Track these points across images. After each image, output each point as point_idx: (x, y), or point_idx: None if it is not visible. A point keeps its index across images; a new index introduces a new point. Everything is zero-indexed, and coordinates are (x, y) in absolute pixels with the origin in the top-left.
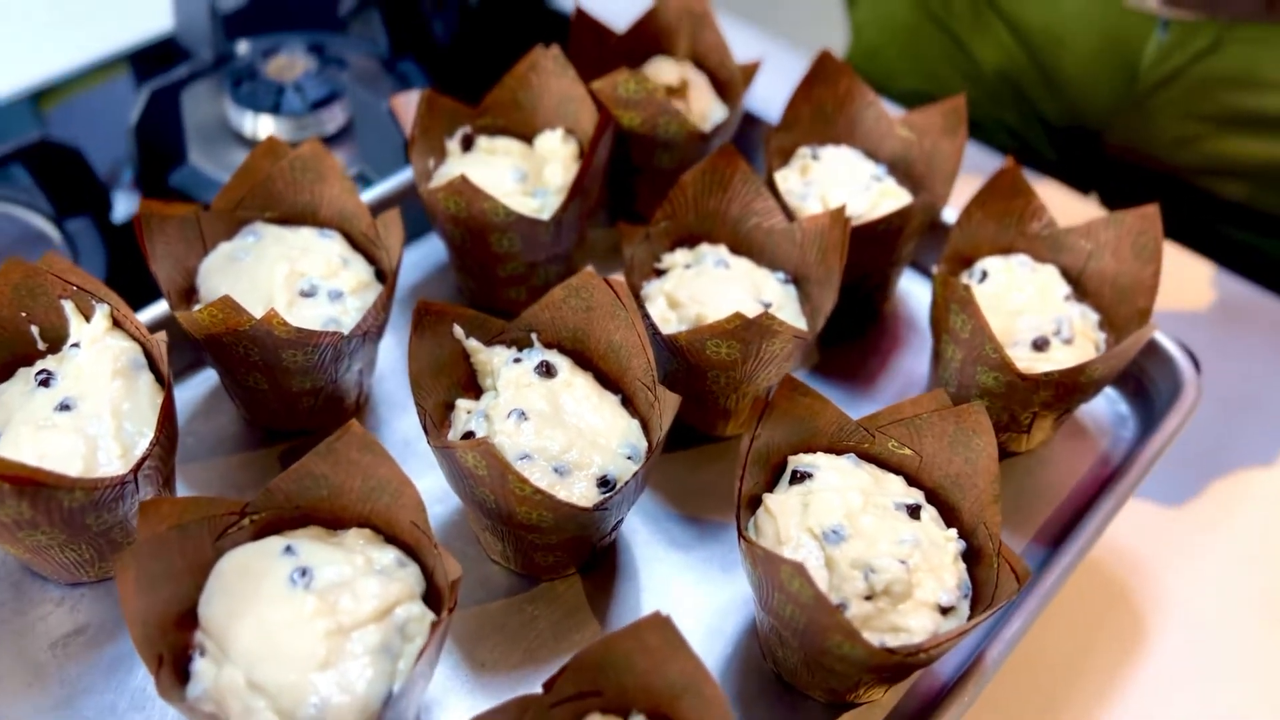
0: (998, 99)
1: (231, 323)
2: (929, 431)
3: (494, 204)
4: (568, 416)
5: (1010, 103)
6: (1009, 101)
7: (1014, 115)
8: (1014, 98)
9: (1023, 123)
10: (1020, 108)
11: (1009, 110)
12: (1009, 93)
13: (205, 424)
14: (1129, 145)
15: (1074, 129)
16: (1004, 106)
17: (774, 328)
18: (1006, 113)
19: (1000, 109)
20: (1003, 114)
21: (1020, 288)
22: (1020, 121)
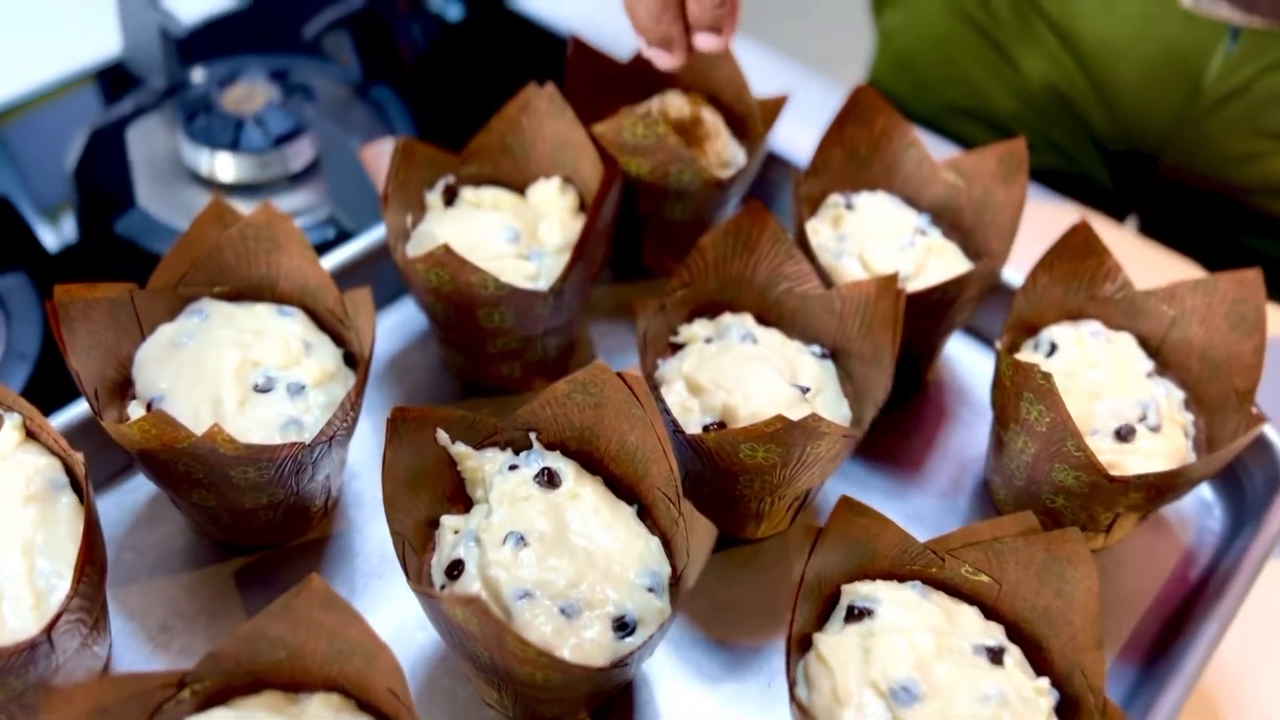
0: (1044, 114)
1: (167, 439)
2: (1013, 558)
3: (483, 276)
4: (575, 538)
5: (1058, 118)
6: (1057, 117)
7: (1062, 132)
8: (1063, 113)
9: (1071, 140)
10: (1069, 124)
11: (1056, 126)
12: (1057, 107)
13: (147, 535)
14: (1185, 164)
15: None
16: (1051, 122)
17: (821, 429)
18: (1054, 129)
19: (1047, 125)
20: (1050, 130)
21: (1095, 363)
22: (1069, 139)
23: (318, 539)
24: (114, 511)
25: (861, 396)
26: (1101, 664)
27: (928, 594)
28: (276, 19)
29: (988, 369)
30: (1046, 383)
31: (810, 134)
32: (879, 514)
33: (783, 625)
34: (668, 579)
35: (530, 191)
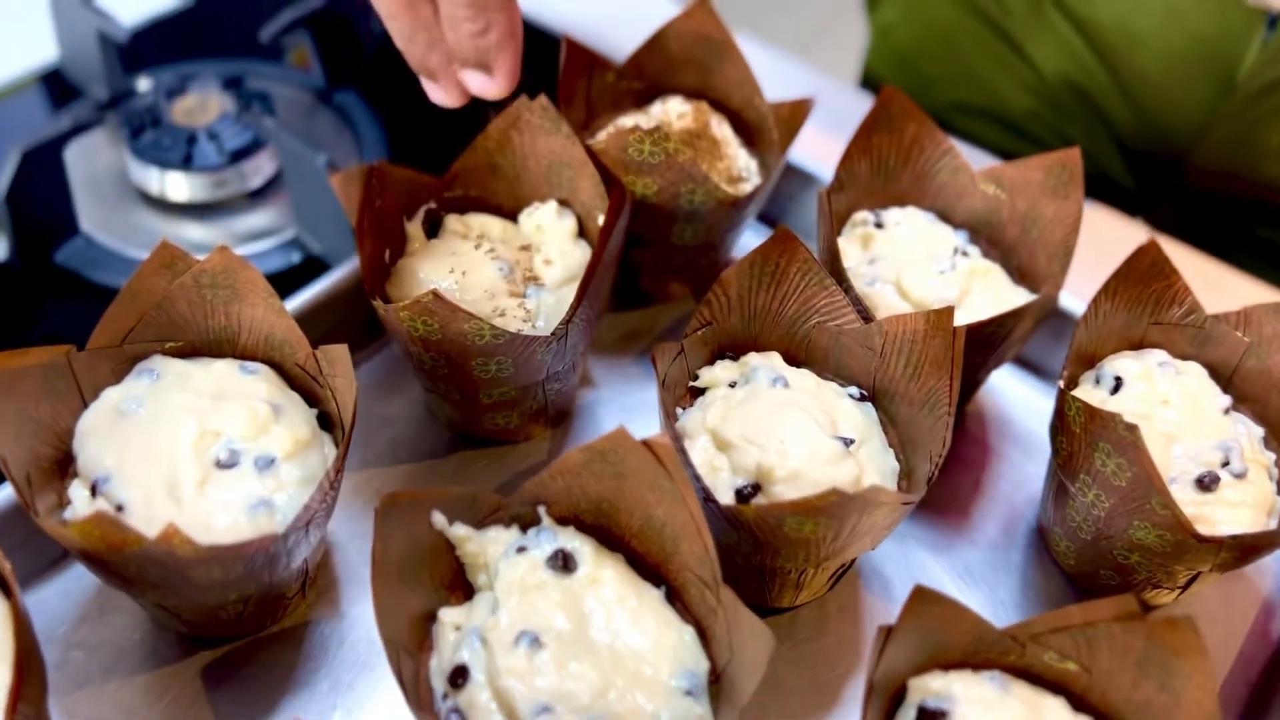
0: (1061, 110)
1: (114, 542)
2: (1107, 644)
3: (477, 324)
4: (597, 634)
5: (1076, 115)
6: (1074, 113)
7: (1080, 130)
8: (1081, 109)
9: (1090, 138)
10: (1088, 121)
11: (1074, 124)
12: (1074, 103)
13: (98, 630)
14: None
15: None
16: (1068, 119)
17: (880, 499)
18: (1071, 126)
19: (1064, 122)
20: (1067, 128)
21: (1167, 399)
22: (1087, 137)
23: (294, 626)
24: (57, 604)
25: (910, 445)
26: None
27: (1007, 686)
28: (227, 20)
29: (1033, 399)
30: (1131, 435)
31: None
32: (954, 601)
33: (828, 708)
34: (706, 677)
35: (523, 216)
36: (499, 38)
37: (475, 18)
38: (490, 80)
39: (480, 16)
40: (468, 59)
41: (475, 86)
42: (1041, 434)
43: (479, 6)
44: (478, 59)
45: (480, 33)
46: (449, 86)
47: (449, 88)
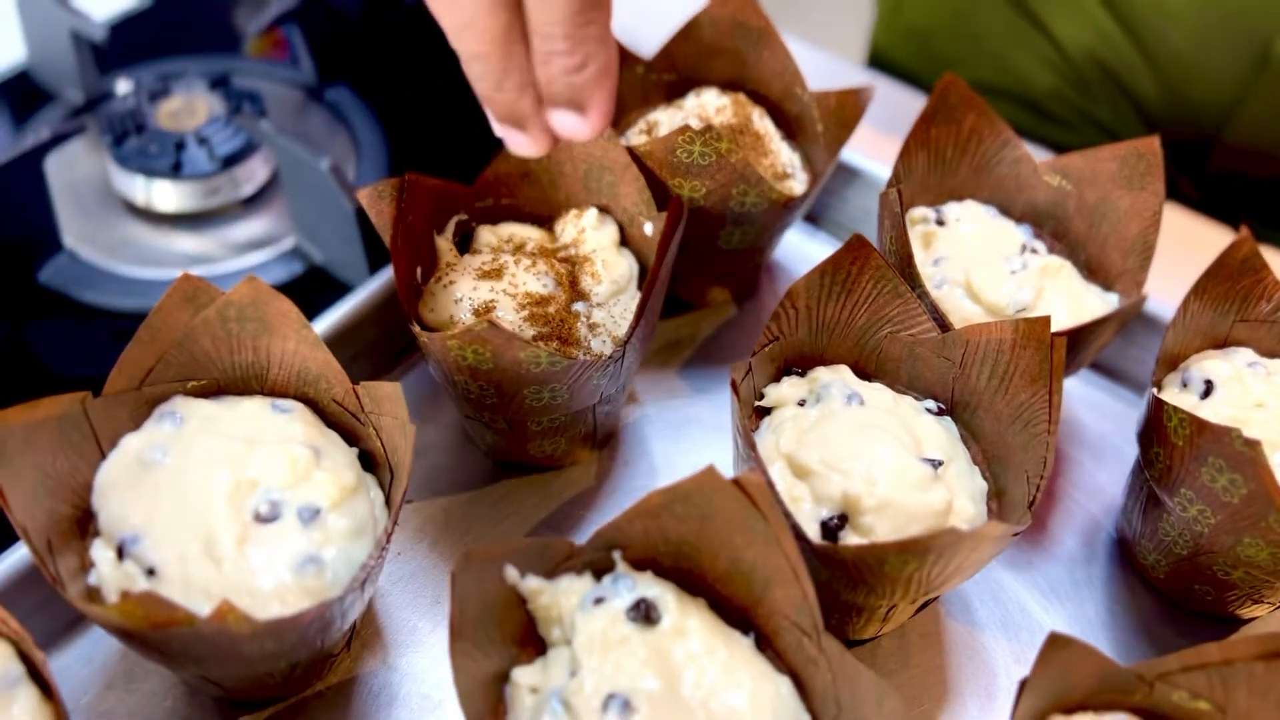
0: (1086, 89)
1: (160, 622)
2: (1246, 683)
3: (533, 352)
4: (690, 692)
5: (1102, 93)
6: (1100, 92)
7: (1106, 108)
8: (1107, 87)
9: (1116, 117)
10: (1114, 99)
11: (1100, 103)
12: (1100, 81)
13: (125, 699)
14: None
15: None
16: (1094, 98)
17: (995, 535)
18: (1097, 106)
19: (1089, 101)
20: (1092, 108)
21: (1260, 402)
22: (1113, 116)
23: (340, 683)
24: (79, 670)
25: (998, 463)
26: None
27: None
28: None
29: (1104, 401)
30: (1251, 451)
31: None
32: (1084, 644)
33: None
34: None
35: (560, 226)
36: (596, 73)
37: (573, 51)
38: (583, 120)
39: (578, 50)
40: (559, 98)
41: (567, 127)
42: (1115, 440)
43: (577, 39)
44: (570, 97)
45: (577, 68)
46: (537, 134)
47: (537, 135)
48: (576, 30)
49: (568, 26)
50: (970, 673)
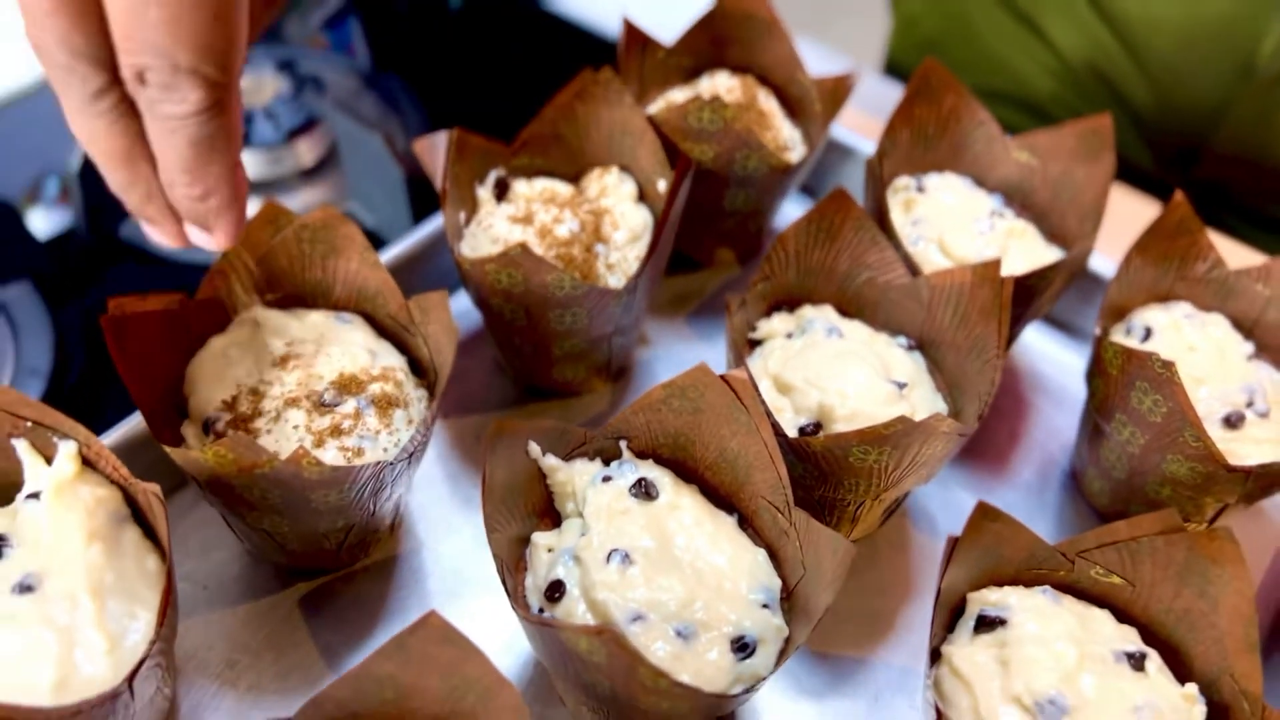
0: (1084, 95)
1: (246, 465)
2: (1150, 558)
3: (559, 276)
4: (681, 553)
5: (1098, 99)
6: (1096, 98)
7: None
8: (1102, 93)
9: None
10: (1110, 105)
11: (1096, 107)
12: (1096, 87)
13: (201, 564)
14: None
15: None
16: (1091, 104)
17: (942, 429)
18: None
19: (1086, 105)
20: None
21: (1193, 347)
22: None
23: (383, 560)
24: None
25: (958, 389)
26: (1257, 669)
27: (1058, 599)
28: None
29: (1064, 355)
30: (1166, 371)
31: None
32: (1012, 518)
33: (883, 634)
34: (779, 593)
35: (585, 182)
36: (219, 204)
37: (193, 184)
38: (210, 237)
39: (198, 184)
40: (187, 216)
41: (197, 240)
42: (1072, 388)
43: (197, 174)
44: (196, 219)
45: (200, 198)
46: (167, 233)
47: (167, 234)
48: (197, 169)
49: (188, 165)
50: (929, 574)
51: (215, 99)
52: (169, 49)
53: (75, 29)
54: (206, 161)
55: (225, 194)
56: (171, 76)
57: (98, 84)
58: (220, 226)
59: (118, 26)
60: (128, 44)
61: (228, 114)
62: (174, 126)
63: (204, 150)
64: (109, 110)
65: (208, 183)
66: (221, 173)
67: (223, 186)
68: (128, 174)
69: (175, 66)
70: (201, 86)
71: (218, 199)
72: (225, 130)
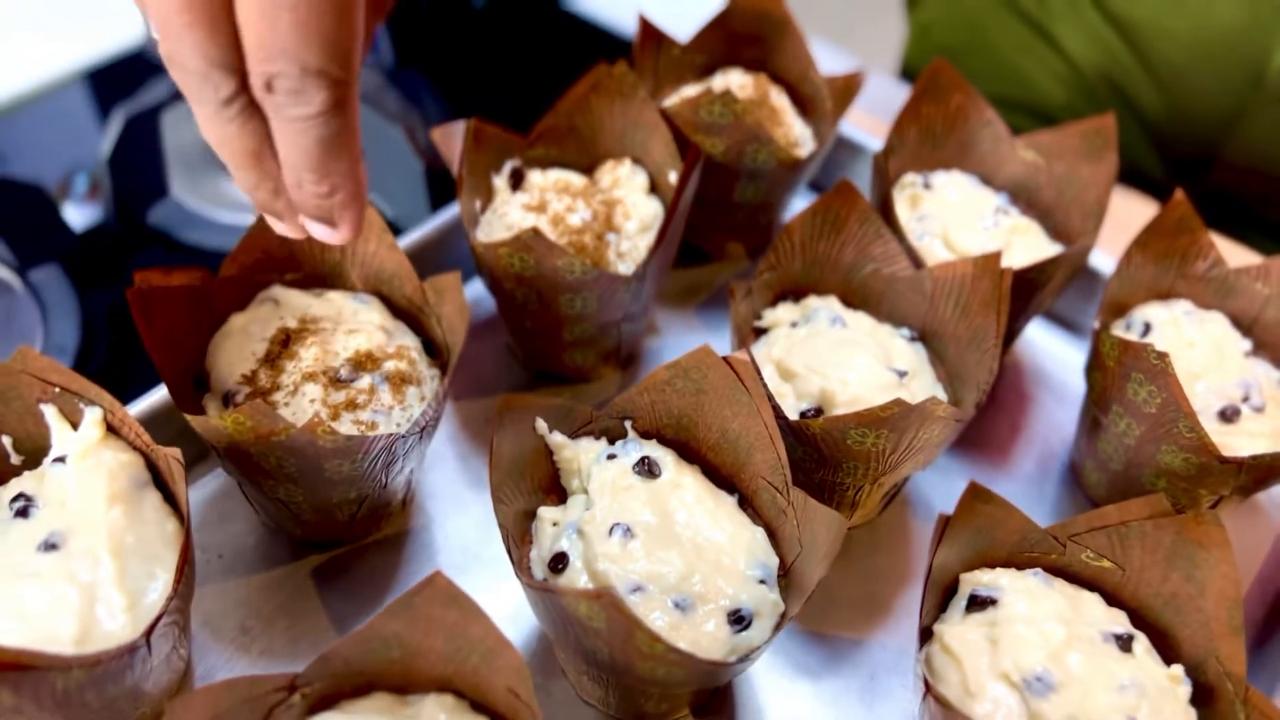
0: (1096, 103)
1: (263, 432)
2: (1139, 542)
3: (570, 260)
4: (681, 529)
5: (1110, 107)
6: (1109, 105)
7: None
8: (1115, 102)
9: (1123, 131)
10: (1122, 114)
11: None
12: (1108, 95)
13: (217, 534)
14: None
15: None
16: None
17: (938, 413)
18: None
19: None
20: None
21: (1192, 342)
22: (1122, 130)
23: (395, 534)
24: None
25: (958, 379)
26: (1241, 650)
27: (1050, 582)
28: None
29: (1066, 352)
30: (1161, 362)
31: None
32: (1004, 500)
33: (879, 617)
34: (777, 570)
35: (599, 174)
36: (344, 198)
37: (320, 181)
38: (334, 232)
39: (325, 181)
40: (311, 213)
41: (319, 234)
42: (1074, 384)
43: (323, 171)
44: (320, 215)
45: (326, 194)
46: (293, 226)
47: (293, 227)
48: (323, 166)
49: (314, 164)
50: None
51: (340, 97)
52: (299, 52)
53: (211, 39)
54: (333, 159)
55: (351, 188)
56: (300, 80)
57: (230, 89)
58: (345, 220)
59: (250, 34)
60: (260, 51)
61: (350, 112)
62: (302, 128)
63: (330, 148)
64: (239, 114)
65: (333, 179)
66: (346, 169)
67: (348, 182)
68: (257, 173)
69: (304, 69)
70: (327, 86)
71: (344, 194)
72: (348, 127)
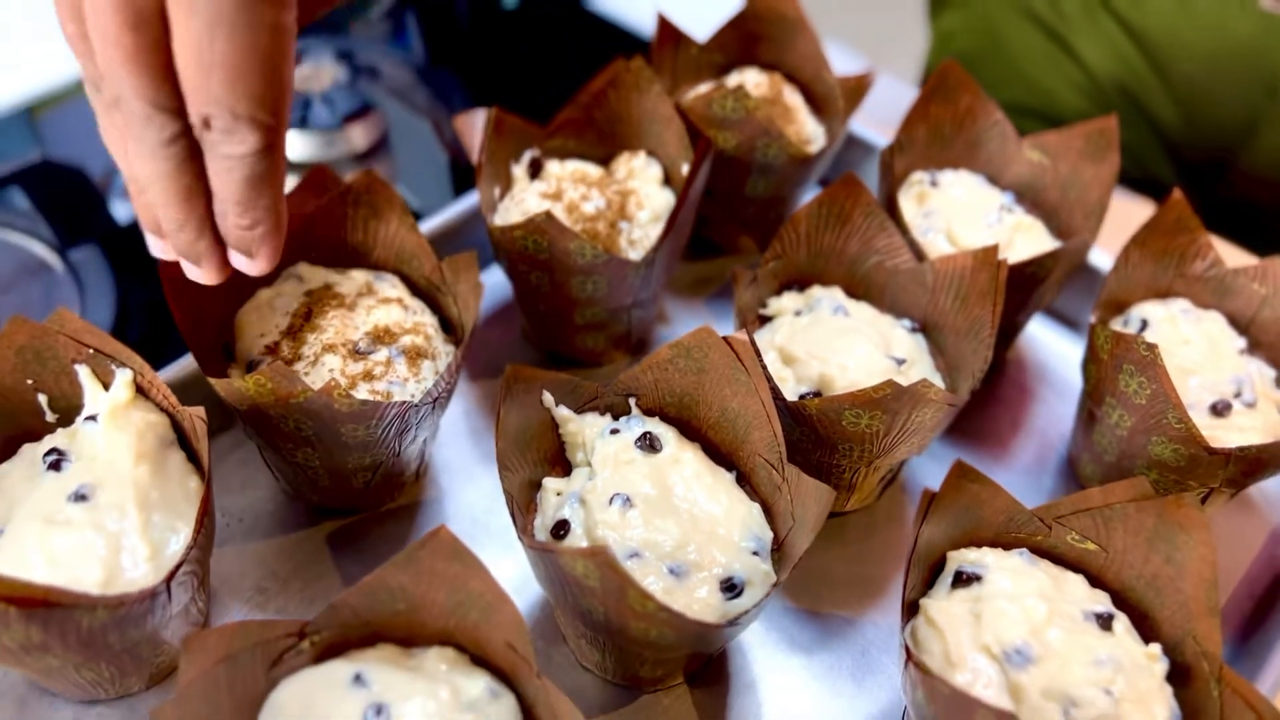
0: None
1: (283, 394)
2: (1122, 525)
3: (580, 243)
4: (679, 501)
5: (1127, 118)
6: (1125, 115)
7: (1131, 133)
8: (1131, 112)
9: (1140, 141)
10: (1138, 124)
11: (1126, 127)
12: (1124, 105)
13: (239, 499)
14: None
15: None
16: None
17: (930, 396)
18: (1124, 130)
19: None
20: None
21: (1187, 339)
22: (1138, 139)
23: (408, 504)
24: None
25: (955, 370)
26: (1217, 630)
27: (1035, 562)
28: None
29: (1067, 348)
30: (1150, 354)
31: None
32: (990, 480)
33: (875, 597)
34: (770, 545)
35: (615, 165)
36: (263, 233)
37: (243, 215)
38: (252, 262)
39: (248, 214)
40: (233, 244)
41: (240, 264)
42: (1074, 380)
43: (247, 205)
44: (242, 247)
45: (248, 227)
46: (209, 269)
47: (209, 270)
48: (248, 200)
49: (240, 198)
50: None
51: (268, 141)
52: (230, 101)
53: (155, 86)
54: (257, 195)
55: (270, 223)
56: (232, 123)
57: (172, 130)
58: (262, 252)
59: (186, 82)
60: (195, 96)
61: (276, 153)
62: (231, 165)
63: (255, 185)
64: (178, 154)
65: (256, 214)
66: (269, 205)
67: (268, 217)
68: (184, 212)
69: (235, 115)
70: (257, 130)
71: (263, 228)
72: (273, 168)
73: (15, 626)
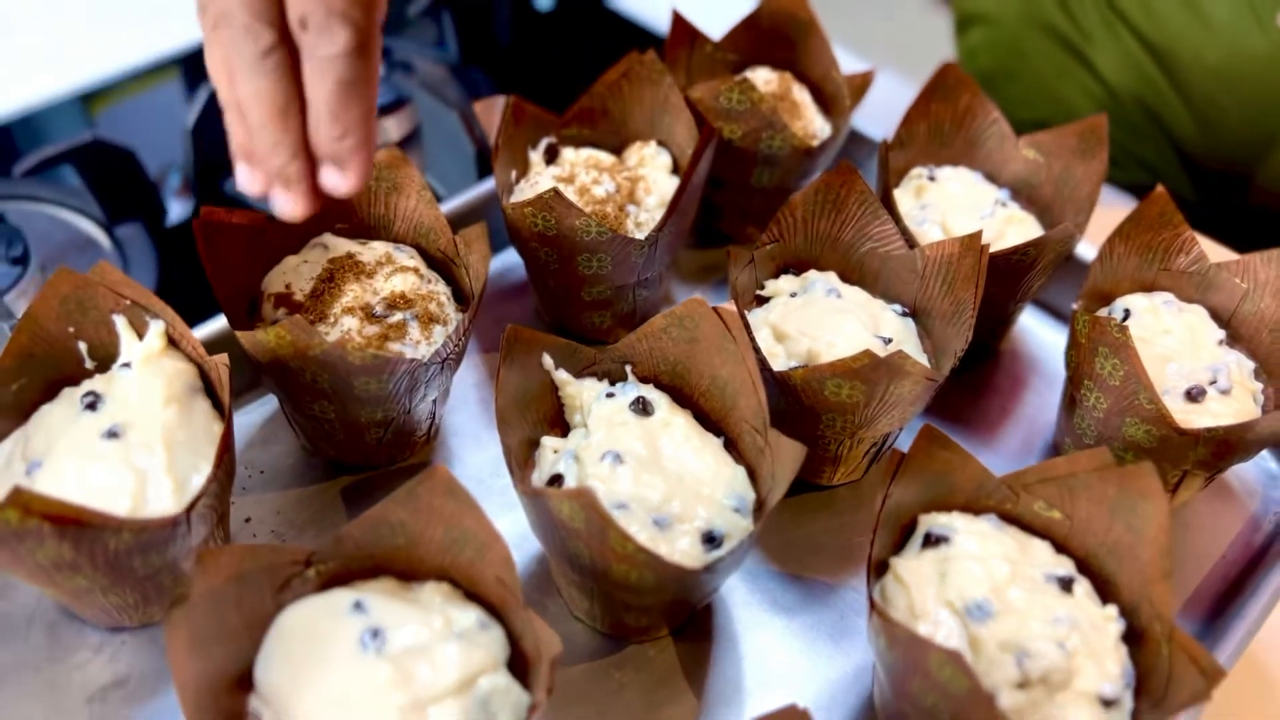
0: (1132, 128)
1: (301, 345)
2: (1085, 493)
3: (586, 221)
4: (667, 461)
5: (1146, 133)
6: (1144, 131)
7: (1149, 146)
8: (1150, 127)
9: (1159, 156)
10: (1157, 138)
11: (1145, 142)
12: (1142, 119)
13: (261, 453)
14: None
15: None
16: (1139, 137)
17: (906, 368)
18: (1142, 145)
19: (1136, 141)
20: (1138, 147)
21: (1168, 329)
22: (1156, 154)
23: (418, 463)
24: None
25: (940, 352)
26: (1169, 594)
27: (1002, 527)
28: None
29: (1056, 340)
30: (1122, 336)
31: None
32: (959, 446)
33: (857, 565)
34: (752, 504)
35: (627, 153)
36: (354, 143)
37: (335, 123)
38: (343, 177)
39: (339, 123)
40: (324, 157)
41: (329, 183)
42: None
43: (340, 113)
44: (335, 157)
45: (339, 137)
46: (299, 196)
47: (299, 197)
48: (341, 109)
49: (333, 105)
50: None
51: (360, 41)
52: None
53: None
54: (349, 102)
55: (361, 135)
56: (326, 19)
57: (269, 40)
58: (353, 166)
59: None
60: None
61: (369, 58)
62: (325, 67)
63: (347, 90)
64: (275, 68)
65: (347, 122)
66: (359, 116)
67: (359, 129)
68: (279, 129)
69: (329, 10)
70: (349, 27)
71: (354, 139)
72: (366, 75)
73: (49, 543)
